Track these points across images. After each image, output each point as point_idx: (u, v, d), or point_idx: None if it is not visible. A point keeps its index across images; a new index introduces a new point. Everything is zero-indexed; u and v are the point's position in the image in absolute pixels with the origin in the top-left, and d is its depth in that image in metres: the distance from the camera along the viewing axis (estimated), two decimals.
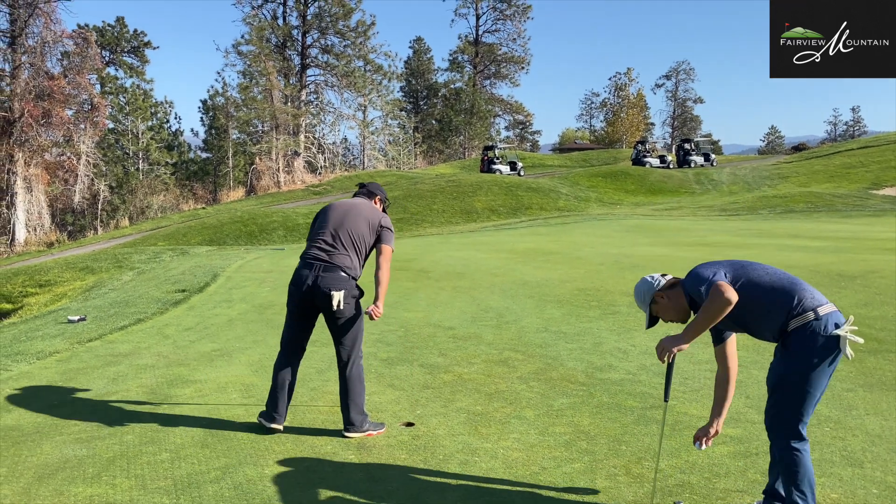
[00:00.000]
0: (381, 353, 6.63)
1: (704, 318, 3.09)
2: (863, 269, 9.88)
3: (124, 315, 9.09)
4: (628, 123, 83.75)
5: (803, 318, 3.05)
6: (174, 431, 4.66)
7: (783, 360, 3.11)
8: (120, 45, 59.51)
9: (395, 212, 30.97)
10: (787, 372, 3.08)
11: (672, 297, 3.40)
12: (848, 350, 3.03)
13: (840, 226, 19.20)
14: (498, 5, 75.24)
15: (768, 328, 3.16)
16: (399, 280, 10.96)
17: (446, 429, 4.59)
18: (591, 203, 34.43)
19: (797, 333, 3.06)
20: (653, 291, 3.44)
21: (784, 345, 3.10)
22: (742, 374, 5.59)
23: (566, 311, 8.27)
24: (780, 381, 3.10)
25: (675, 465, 3.95)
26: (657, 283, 3.46)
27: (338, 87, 51.84)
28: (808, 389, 3.05)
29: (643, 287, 3.48)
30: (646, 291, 3.46)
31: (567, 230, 20.32)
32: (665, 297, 3.41)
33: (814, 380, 3.04)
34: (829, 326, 3.04)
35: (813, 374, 3.04)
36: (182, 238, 26.93)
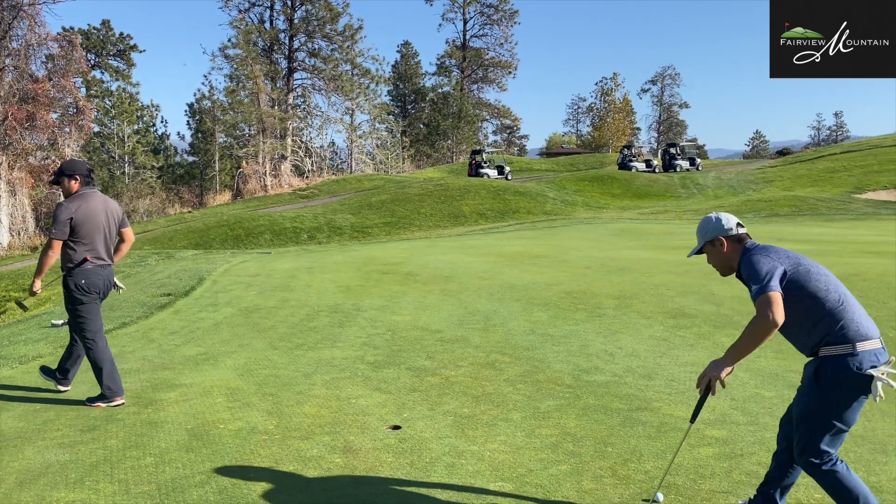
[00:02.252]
0: (369, 356, 6.61)
1: (748, 342, 2.96)
2: (846, 272, 9.97)
3: (109, 319, 9.01)
4: (614, 128, 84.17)
5: (839, 348, 2.92)
6: (158, 436, 4.63)
7: (813, 392, 2.99)
8: (106, 48, 59.14)
9: (384, 215, 30.95)
10: (817, 406, 2.97)
11: (729, 251, 3.26)
12: (880, 392, 2.89)
13: (823, 229, 19.38)
14: (485, 10, 75.46)
15: (801, 341, 3.07)
16: (386, 283, 10.95)
17: (433, 431, 4.59)
18: (577, 207, 34.55)
19: (829, 364, 2.93)
20: (719, 234, 3.27)
21: (815, 373, 2.98)
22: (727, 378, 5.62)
23: (553, 313, 8.29)
24: (810, 414, 3.00)
25: (661, 466, 3.96)
26: (729, 229, 3.27)
27: (325, 91, 51.73)
28: (836, 424, 2.95)
29: (714, 225, 3.29)
30: (713, 230, 3.29)
31: (554, 234, 20.38)
32: (725, 246, 3.26)
33: (844, 416, 2.94)
34: (865, 364, 2.88)
35: (843, 412, 2.93)
36: (168, 242, 26.77)
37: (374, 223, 29.85)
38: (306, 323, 8.26)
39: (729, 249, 3.26)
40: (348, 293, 10.20)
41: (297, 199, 39.22)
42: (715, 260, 3.33)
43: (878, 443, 4.21)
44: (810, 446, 3.01)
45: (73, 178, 5.42)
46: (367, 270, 12.48)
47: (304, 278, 11.87)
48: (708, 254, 3.35)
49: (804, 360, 6.01)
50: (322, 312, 8.86)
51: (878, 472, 3.82)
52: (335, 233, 28.27)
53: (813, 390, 2.99)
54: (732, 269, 3.28)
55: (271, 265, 14.06)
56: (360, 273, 12.18)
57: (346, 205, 33.38)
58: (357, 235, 28.02)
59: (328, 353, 6.76)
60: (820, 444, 2.98)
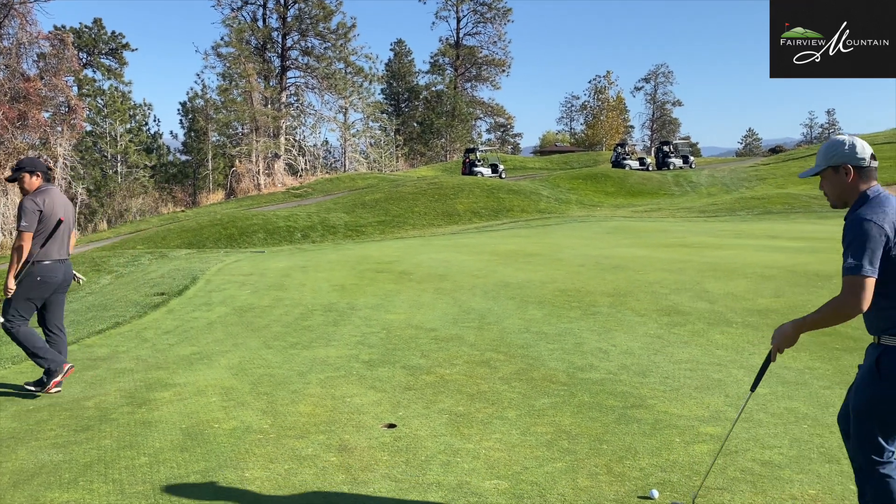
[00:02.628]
0: (363, 355, 6.60)
1: (824, 320, 2.84)
2: (838, 269, 10.00)
3: (102, 319, 8.98)
4: (608, 126, 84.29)
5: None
6: (153, 435, 4.61)
7: (873, 385, 2.81)
8: (97, 46, 58.85)
9: (377, 214, 30.92)
10: (877, 399, 2.80)
11: (854, 183, 2.90)
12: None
13: (816, 226, 19.45)
14: (478, 8, 75.42)
15: (870, 320, 2.91)
16: (381, 282, 10.94)
17: (428, 430, 4.58)
18: (571, 205, 34.59)
19: (891, 354, 2.77)
20: (848, 162, 2.89)
21: (876, 363, 2.80)
22: (720, 373, 5.64)
23: (547, 311, 8.29)
24: (869, 408, 2.83)
25: (656, 463, 3.97)
26: (861, 159, 2.89)
27: (318, 90, 51.66)
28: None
29: (845, 151, 2.92)
30: (842, 156, 2.91)
31: (548, 232, 20.40)
32: (850, 176, 2.90)
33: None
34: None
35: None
36: (161, 241, 26.68)
37: (368, 222, 29.82)
38: (300, 322, 8.25)
39: (854, 181, 2.90)
40: (343, 292, 10.19)
41: (291, 198, 39.14)
42: (831, 189, 2.97)
43: None
44: (867, 443, 2.84)
45: (34, 174, 5.52)
46: (361, 269, 12.46)
47: (298, 277, 11.85)
48: (825, 179, 2.99)
49: (798, 357, 6.05)
50: (316, 311, 8.84)
51: None
52: (329, 231, 28.23)
53: (875, 384, 2.80)
54: (847, 204, 2.95)
55: (265, 264, 14.03)
56: (354, 272, 12.16)
57: (339, 203, 33.33)
58: (351, 234, 27.99)
59: (323, 352, 6.75)
60: (879, 441, 2.82)
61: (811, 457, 3.99)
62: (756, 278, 9.70)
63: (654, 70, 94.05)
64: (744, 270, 10.40)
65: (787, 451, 4.07)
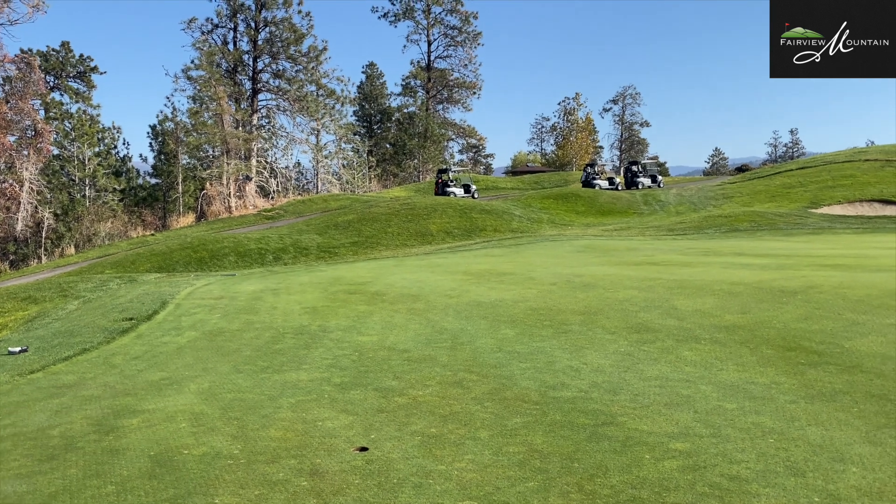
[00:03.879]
0: (335, 377, 6.57)
1: None
2: (803, 285, 10.22)
3: (69, 345, 8.83)
4: (578, 146, 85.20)
5: None
6: (120, 463, 4.54)
7: None
8: (65, 70, 58.21)
9: (350, 235, 30.85)
10: None
11: None
12: None
13: (781, 243, 19.83)
14: (449, 32, 76.12)
15: None
16: (353, 304, 10.90)
17: (400, 452, 4.58)
18: (543, 224, 34.85)
19: None
20: None
21: None
22: (689, 390, 5.72)
23: (519, 330, 8.33)
24: None
25: (627, 480, 4.01)
26: None
27: (290, 112, 51.60)
28: None
29: None
30: None
31: (520, 251, 20.51)
32: None
33: None
34: None
35: None
36: (130, 265, 26.31)
37: (340, 243, 29.73)
38: (271, 345, 8.19)
39: None
40: (314, 314, 10.14)
41: (263, 220, 38.90)
42: None
43: (835, 451, 4.30)
44: None
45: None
46: (333, 291, 12.42)
47: (270, 300, 11.77)
48: None
49: (764, 372, 6.16)
50: (287, 334, 8.78)
51: (836, 480, 3.90)
52: (301, 253, 28.08)
53: None
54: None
55: (236, 287, 13.92)
56: (326, 294, 12.11)
57: (312, 225, 33.20)
58: (323, 256, 27.86)
59: (294, 376, 6.71)
60: None
61: (777, 471, 4.06)
62: (723, 295, 9.86)
63: (622, 92, 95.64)
64: (711, 287, 10.56)
65: (753, 466, 4.14)
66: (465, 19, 74.88)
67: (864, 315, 8.03)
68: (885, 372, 5.95)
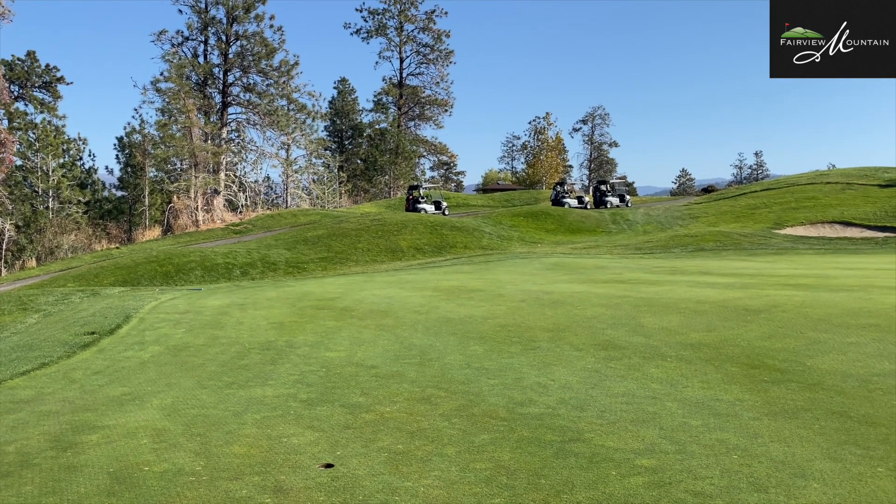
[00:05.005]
0: (301, 394, 6.50)
1: None
2: (767, 304, 10.39)
3: (27, 359, 8.61)
4: (547, 165, 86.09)
5: None
6: (78, 480, 4.42)
7: None
8: (30, 79, 57.26)
9: (319, 250, 30.66)
10: None
11: None
12: None
13: (746, 263, 20.18)
14: (421, 49, 76.66)
15: None
16: (321, 319, 10.82)
17: (366, 469, 4.53)
18: (513, 242, 35.03)
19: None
20: None
21: None
22: (655, 406, 5.76)
23: (488, 347, 8.34)
24: None
25: (593, 497, 4.01)
26: None
27: (260, 126, 51.35)
28: None
29: None
30: None
31: (490, 268, 20.57)
32: None
33: None
34: None
35: None
36: (94, 279, 25.80)
37: (309, 258, 29.53)
38: (237, 361, 8.08)
39: None
40: (281, 330, 10.03)
41: (231, 235, 38.49)
42: None
43: (797, 467, 4.36)
44: None
45: None
46: (301, 306, 12.31)
47: (236, 315, 11.62)
48: None
49: (729, 390, 6.24)
50: (254, 350, 8.68)
51: (798, 495, 3.96)
52: (269, 268, 27.82)
53: None
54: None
55: (202, 302, 13.72)
56: (294, 309, 12.00)
57: (280, 240, 32.94)
58: (292, 271, 27.63)
59: (259, 392, 6.62)
60: None
61: (741, 486, 4.10)
62: (689, 313, 9.98)
63: (592, 112, 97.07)
64: (677, 305, 10.68)
65: (717, 482, 4.17)
66: (437, 37, 75.52)
67: (825, 333, 8.19)
68: (846, 389, 6.07)
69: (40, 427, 5.63)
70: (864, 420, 5.24)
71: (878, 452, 4.59)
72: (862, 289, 11.96)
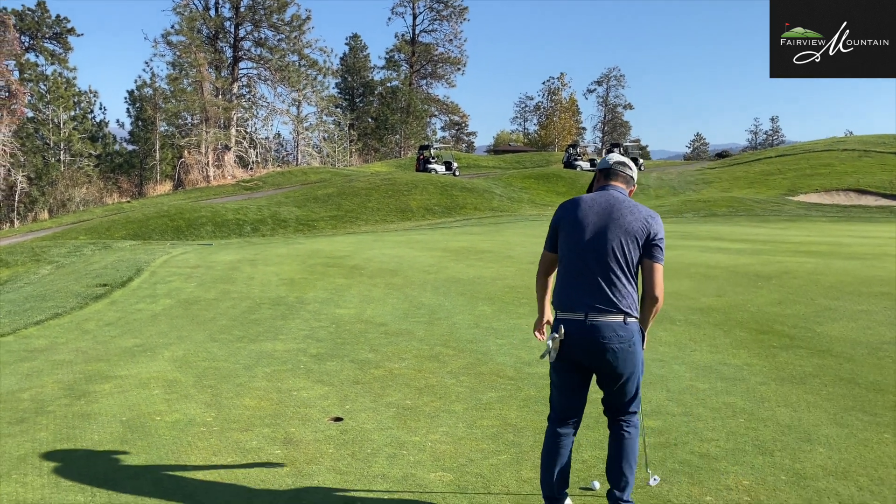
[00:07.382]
0: (312, 349, 6.55)
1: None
2: (778, 270, 10.35)
3: (41, 309, 8.71)
4: (560, 127, 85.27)
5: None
6: (91, 428, 4.50)
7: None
8: (41, 30, 56.81)
9: (330, 209, 30.67)
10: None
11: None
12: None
13: (758, 229, 20.05)
14: (435, 5, 75.39)
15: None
16: (332, 276, 10.86)
17: (375, 423, 4.58)
18: (523, 204, 34.90)
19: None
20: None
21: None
22: (663, 369, 5.78)
23: (497, 307, 8.36)
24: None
25: (598, 455, 4.05)
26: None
27: (271, 81, 50.90)
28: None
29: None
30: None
31: (500, 230, 20.54)
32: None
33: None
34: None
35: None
36: (105, 232, 25.96)
37: (319, 216, 29.56)
38: (248, 315, 8.14)
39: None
40: (292, 286, 10.08)
41: (241, 191, 38.53)
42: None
43: (803, 432, 4.38)
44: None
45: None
46: (311, 263, 12.36)
47: (247, 270, 11.69)
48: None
49: (737, 354, 6.25)
50: (264, 305, 8.74)
51: (803, 459, 3.98)
52: (279, 225, 27.88)
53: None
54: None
55: (212, 257, 13.80)
56: (304, 266, 12.05)
57: (291, 197, 32.95)
58: (302, 228, 27.70)
59: (270, 346, 6.68)
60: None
61: (746, 449, 4.12)
62: (699, 278, 9.95)
63: (607, 73, 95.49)
64: (688, 270, 10.65)
65: (723, 444, 4.20)
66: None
67: (835, 301, 8.16)
68: (855, 356, 6.06)
69: (54, 375, 5.71)
70: (872, 387, 5.25)
71: (886, 419, 4.60)
72: (875, 257, 11.88)
